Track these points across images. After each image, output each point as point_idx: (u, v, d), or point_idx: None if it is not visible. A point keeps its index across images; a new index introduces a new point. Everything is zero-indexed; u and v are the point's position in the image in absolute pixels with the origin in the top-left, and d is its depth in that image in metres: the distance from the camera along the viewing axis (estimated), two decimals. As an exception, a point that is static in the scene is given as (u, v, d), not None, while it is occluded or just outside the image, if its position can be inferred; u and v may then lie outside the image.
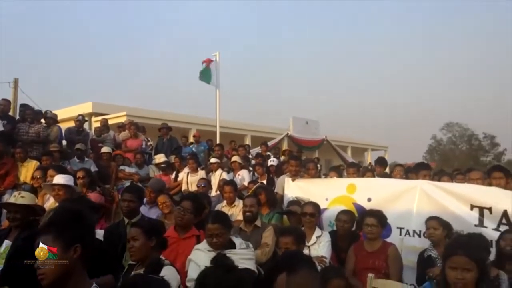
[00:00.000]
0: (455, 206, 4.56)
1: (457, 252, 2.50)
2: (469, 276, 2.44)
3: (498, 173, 4.84)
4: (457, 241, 2.80)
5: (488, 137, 45.57)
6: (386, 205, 4.79)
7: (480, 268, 2.48)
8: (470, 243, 2.67)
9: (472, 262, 2.45)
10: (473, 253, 2.51)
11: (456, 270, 2.46)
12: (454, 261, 2.48)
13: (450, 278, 2.49)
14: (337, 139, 25.35)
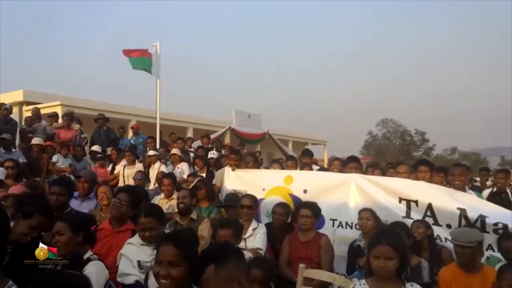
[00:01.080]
0: (384, 199, 4.80)
1: (380, 242, 2.63)
2: (391, 264, 2.58)
3: (424, 167, 5.15)
4: (380, 231, 2.95)
5: (419, 133, 48.45)
6: (321, 197, 4.95)
7: (401, 257, 2.64)
8: (392, 233, 2.83)
9: (394, 251, 2.59)
10: (395, 243, 2.65)
11: (379, 259, 2.59)
12: (378, 250, 2.61)
13: (374, 267, 2.63)
14: (278, 133, 25.71)
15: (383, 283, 2.66)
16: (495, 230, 4.17)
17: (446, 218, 4.43)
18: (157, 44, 11.03)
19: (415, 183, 4.90)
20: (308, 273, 3.45)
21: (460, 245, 3.45)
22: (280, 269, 4.22)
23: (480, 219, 4.25)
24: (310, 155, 8.33)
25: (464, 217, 4.33)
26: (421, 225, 4.25)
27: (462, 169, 4.98)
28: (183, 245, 2.17)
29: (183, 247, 2.15)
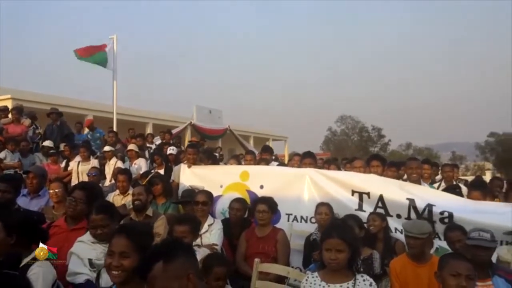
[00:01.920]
0: (338, 192, 4.92)
1: (331, 235, 2.71)
2: (341, 257, 2.66)
3: (376, 161, 5.34)
4: (332, 225, 3.03)
5: (376, 129, 49.89)
6: (277, 192, 5.00)
7: (352, 249, 2.72)
8: (343, 226, 2.91)
9: (344, 243, 2.67)
10: (345, 235, 2.74)
11: (330, 252, 2.66)
12: (329, 243, 2.69)
13: (325, 259, 2.70)
14: (240, 129, 25.72)
15: (334, 275, 2.73)
16: (441, 219, 4.38)
17: (396, 209, 4.61)
18: (113, 37, 10.74)
19: (367, 176, 5.06)
20: (263, 267, 3.48)
21: (413, 236, 3.58)
22: (237, 264, 4.24)
23: (428, 208, 4.45)
24: (270, 151, 8.40)
25: (413, 207, 4.52)
26: (377, 218, 4.38)
27: (418, 162, 5.23)
28: (135, 236, 2.16)
29: (135, 238, 2.14)
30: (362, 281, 2.71)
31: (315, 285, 2.74)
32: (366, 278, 2.75)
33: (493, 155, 41.51)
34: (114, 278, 2.15)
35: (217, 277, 3.12)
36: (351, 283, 2.69)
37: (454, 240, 3.88)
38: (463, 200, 4.70)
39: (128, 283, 2.14)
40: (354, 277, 2.72)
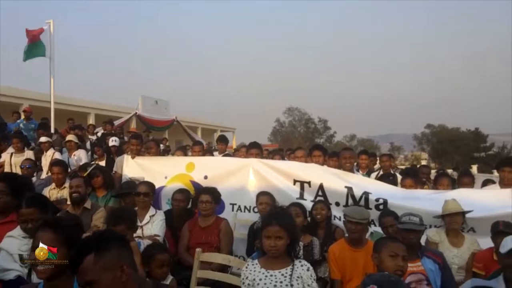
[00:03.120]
0: (280, 181, 5.03)
1: (271, 223, 2.75)
2: (280, 243, 2.72)
3: (317, 151, 5.51)
4: (271, 213, 3.08)
5: (322, 121, 51.20)
6: (221, 183, 5.02)
7: (291, 236, 2.78)
8: (282, 214, 2.97)
9: (284, 230, 2.73)
10: (284, 223, 2.79)
11: (270, 239, 2.71)
12: (268, 231, 2.73)
13: (265, 246, 2.74)
14: (187, 120, 25.43)
15: (274, 261, 2.79)
16: (377, 206, 4.61)
17: (335, 197, 4.79)
18: (50, 22, 10.16)
19: (307, 165, 5.21)
20: (204, 256, 3.49)
21: (354, 222, 3.74)
22: (180, 255, 4.22)
23: (364, 196, 4.67)
24: (225, 142, 8.35)
25: (351, 195, 4.72)
26: (325, 207, 4.51)
27: (351, 152, 5.42)
28: (60, 229, 2.07)
29: (61, 232, 2.05)
30: (300, 266, 2.79)
31: (255, 272, 2.78)
32: (304, 263, 2.83)
33: (429, 145, 44.06)
34: (40, 274, 2.06)
35: (160, 264, 3.11)
36: (290, 268, 2.76)
37: (388, 225, 4.10)
38: (396, 188, 4.97)
39: (57, 278, 2.06)
40: (292, 263, 2.79)
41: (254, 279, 2.76)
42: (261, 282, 2.73)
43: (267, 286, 2.70)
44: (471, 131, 42.31)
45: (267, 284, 2.71)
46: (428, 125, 45.73)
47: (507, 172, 4.95)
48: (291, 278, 2.72)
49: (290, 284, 2.70)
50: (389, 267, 2.69)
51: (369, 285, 1.75)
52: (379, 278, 1.80)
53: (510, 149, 42.65)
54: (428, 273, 3.48)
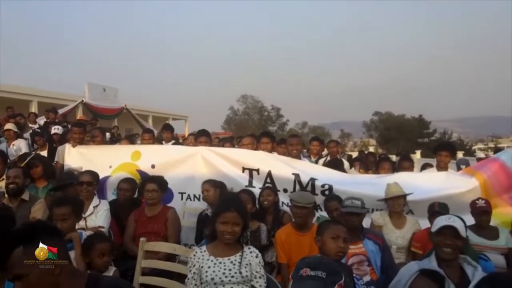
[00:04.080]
0: (229, 169, 5.04)
1: (229, 209, 2.72)
2: (237, 229, 2.71)
3: (265, 138, 5.56)
4: (229, 199, 3.05)
5: (274, 109, 51.58)
6: (169, 171, 4.95)
7: (244, 222, 2.78)
8: (238, 200, 2.95)
9: (240, 216, 2.73)
10: (241, 209, 2.79)
11: (227, 224, 2.69)
12: (226, 217, 2.70)
13: (221, 232, 2.71)
14: (137, 108, 24.80)
15: (223, 248, 2.76)
16: (322, 191, 4.74)
17: (283, 184, 4.87)
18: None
19: (256, 153, 5.24)
20: (149, 246, 3.43)
21: (300, 206, 3.83)
22: (125, 245, 4.13)
23: (311, 182, 4.78)
24: (170, 130, 8.22)
25: (298, 181, 4.81)
26: (271, 193, 4.58)
27: (297, 139, 5.51)
28: None
29: None
30: (249, 253, 2.80)
31: (203, 260, 2.76)
32: (253, 250, 2.84)
33: (376, 132, 45.71)
34: None
35: (100, 253, 3.04)
36: (239, 255, 2.76)
37: (332, 209, 4.23)
38: (341, 174, 5.13)
39: None
40: (241, 250, 2.80)
41: (202, 266, 2.73)
42: (209, 270, 2.71)
43: (215, 274, 2.69)
44: (415, 118, 44.34)
45: (215, 272, 2.69)
46: (376, 113, 47.39)
47: (443, 156, 5.24)
48: (240, 265, 2.72)
49: (239, 271, 2.70)
50: (331, 249, 2.77)
51: (302, 268, 1.78)
52: (311, 261, 1.84)
53: (451, 134, 45.22)
54: (369, 254, 3.62)
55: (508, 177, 4.48)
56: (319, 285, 1.71)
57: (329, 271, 1.77)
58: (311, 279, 1.73)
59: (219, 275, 2.68)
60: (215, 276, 2.68)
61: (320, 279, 1.73)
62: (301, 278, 1.74)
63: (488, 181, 4.49)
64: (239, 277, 2.70)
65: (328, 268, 1.79)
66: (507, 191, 4.47)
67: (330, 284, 1.73)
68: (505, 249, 3.91)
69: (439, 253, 2.81)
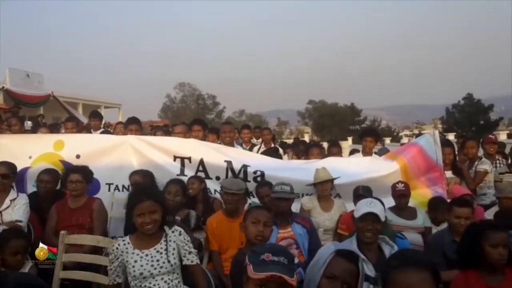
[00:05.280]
0: (160, 158, 4.91)
1: (141, 199, 2.66)
2: (156, 217, 2.65)
3: (197, 126, 5.51)
4: (137, 190, 2.99)
5: (210, 97, 51.20)
6: (95, 161, 4.72)
7: (163, 208, 2.73)
8: (150, 188, 2.89)
9: (156, 203, 2.67)
10: (155, 196, 2.75)
11: (144, 216, 2.61)
12: (141, 208, 2.63)
13: (140, 224, 2.63)
14: (66, 95, 23.45)
15: (147, 239, 2.70)
16: (255, 178, 4.78)
17: (215, 171, 4.84)
18: None
19: (187, 141, 5.15)
20: (71, 239, 3.26)
21: (231, 193, 3.83)
22: (47, 239, 3.89)
23: (243, 169, 4.80)
24: (99, 117, 7.84)
25: (230, 169, 4.81)
26: (196, 181, 4.53)
27: (230, 126, 5.52)
28: None
29: None
30: (172, 234, 2.76)
31: (128, 254, 2.66)
32: (175, 228, 2.81)
33: (311, 120, 47.07)
34: None
35: (14, 251, 2.86)
36: (164, 242, 2.71)
37: (263, 195, 4.30)
38: (273, 160, 5.20)
39: None
40: (164, 234, 2.75)
41: (127, 261, 2.64)
42: (136, 265, 2.62)
43: (143, 268, 2.61)
44: (348, 106, 46.23)
45: (143, 266, 2.62)
46: (310, 101, 48.71)
47: (368, 141, 5.50)
48: (167, 253, 2.67)
49: (167, 260, 2.65)
50: (251, 232, 2.79)
51: (262, 253, 1.76)
52: (272, 247, 1.82)
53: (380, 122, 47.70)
54: (297, 238, 3.74)
55: (425, 161, 4.79)
56: (283, 270, 1.70)
57: (289, 258, 1.77)
58: (275, 264, 1.71)
59: (148, 268, 2.62)
60: (143, 270, 2.61)
61: (283, 264, 1.73)
62: (265, 263, 1.72)
63: (408, 164, 4.77)
64: (168, 266, 2.66)
65: (288, 255, 1.79)
66: (425, 173, 4.79)
67: (291, 271, 1.74)
68: (422, 228, 4.19)
69: (361, 237, 2.94)
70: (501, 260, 2.57)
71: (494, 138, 6.33)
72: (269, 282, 1.68)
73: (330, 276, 1.87)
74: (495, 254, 2.56)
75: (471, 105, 32.60)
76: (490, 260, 2.59)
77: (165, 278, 2.68)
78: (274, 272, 1.67)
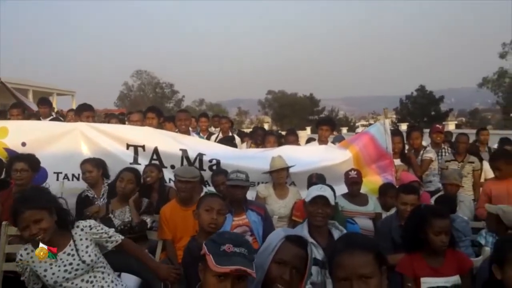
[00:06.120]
0: (112, 146, 4.77)
1: (22, 211, 2.36)
2: (44, 225, 2.38)
3: (151, 113, 5.38)
4: (19, 199, 2.56)
5: (168, 86, 50.33)
6: (43, 149, 4.52)
7: (55, 209, 2.49)
8: (31, 194, 2.51)
9: (42, 211, 2.39)
10: (38, 202, 2.43)
11: (28, 228, 2.35)
12: (23, 220, 2.37)
13: (29, 237, 2.39)
14: (15, 81, 22.26)
15: (52, 244, 2.42)
16: (210, 166, 4.76)
17: (170, 160, 4.77)
18: None
19: (141, 129, 5.03)
20: (12, 230, 3.12)
21: (185, 181, 3.78)
22: None
23: (199, 157, 4.76)
24: (48, 104, 7.50)
25: (185, 157, 4.76)
26: (154, 169, 4.45)
27: (186, 114, 5.45)
28: None
29: None
30: (81, 232, 2.56)
31: (35, 262, 2.43)
32: (80, 224, 2.60)
33: (271, 110, 47.40)
34: None
35: None
36: (72, 242, 2.52)
37: (219, 183, 4.29)
38: (229, 148, 5.20)
39: None
40: (70, 235, 2.53)
41: (37, 270, 2.44)
42: (48, 273, 2.43)
43: (56, 275, 2.43)
44: (307, 96, 46.90)
45: (56, 273, 2.43)
46: (269, 91, 48.99)
47: (324, 130, 5.62)
48: (78, 253, 2.49)
49: (81, 261, 2.48)
50: (205, 220, 2.78)
51: (223, 244, 1.72)
52: (232, 237, 1.78)
53: (338, 112, 48.73)
54: (252, 225, 3.77)
55: (376, 149, 4.94)
56: (245, 263, 1.68)
57: (249, 249, 1.75)
58: (236, 255, 1.68)
59: (61, 275, 2.45)
60: (56, 278, 2.44)
61: (244, 256, 1.70)
62: (226, 254, 1.68)
63: (360, 153, 4.91)
64: (84, 266, 2.50)
65: (248, 245, 1.77)
66: (375, 161, 4.95)
67: (251, 261, 1.72)
68: (373, 214, 4.34)
69: (311, 221, 3.01)
70: (442, 246, 2.72)
71: (441, 128, 6.65)
72: (229, 273, 1.65)
73: (280, 262, 1.89)
74: (438, 241, 2.70)
75: (424, 96, 33.93)
76: (433, 246, 2.72)
77: (86, 278, 2.53)
78: (239, 266, 1.64)
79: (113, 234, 2.68)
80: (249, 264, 1.69)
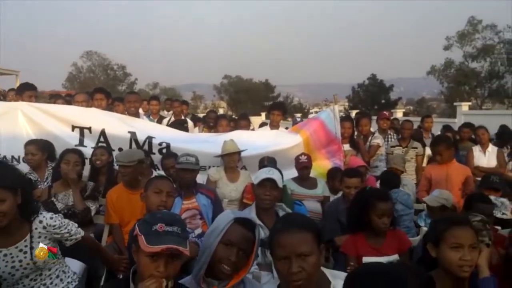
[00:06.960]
0: (57, 127, 4.58)
1: None
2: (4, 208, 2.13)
3: (99, 94, 5.21)
4: None
5: (120, 68, 48.63)
6: None
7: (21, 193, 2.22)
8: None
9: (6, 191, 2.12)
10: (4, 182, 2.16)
11: None
12: None
13: None
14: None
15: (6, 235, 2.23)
16: (160, 150, 4.69)
17: (118, 142, 4.65)
18: None
19: (88, 110, 4.87)
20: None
21: (124, 165, 3.70)
22: None
23: (148, 140, 4.67)
24: None
25: (134, 140, 4.65)
26: (105, 152, 4.33)
27: (136, 96, 5.30)
28: None
29: None
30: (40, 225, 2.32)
31: None
32: (42, 217, 2.34)
33: (227, 95, 47.10)
34: None
35: None
36: (28, 239, 2.27)
37: (169, 167, 4.24)
38: (180, 132, 5.13)
39: None
40: (29, 228, 2.29)
41: None
42: None
43: (2, 270, 2.22)
44: (262, 82, 46.98)
45: (2, 269, 2.22)
46: (225, 76, 48.60)
47: (276, 115, 5.67)
48: (31, 252, 2.25)
49: (32, 262, 2.26)
50: (153, 202, 2.77)
51: (155, 223, 1.70)
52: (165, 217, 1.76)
53: (293, 98, 49.26)
54: (201, 208, 3.76)
55: (326, 134, 5.06)
56: (178, 241, 1.66)
57: (182, 227, 1.74)
58: (169, 234, 1.66)
59: (7, 270, 2.23)
60: (2, 272, 2.22)
61: (177, 234, 1.68)
62: (157, 234, 1.66)
63: (310, 137, 5.01)
64: (34, 267, 2.30)
65: (181, 223, 1.76)
66: (325, 146, 5.07)
67: (185, 240, 1.71)
68: (322, 197, 4.47)
69: (259, 203, 3.05)
70: (384, 228, 2.85)
71: (388, 114, 6.91)
72: (161, 253, 1.65)
73: (227, 243, 1.93)
74: (380, 222, 2.83)
75: (375, 85, 34.94)
76: (375, 227, 2.85)
77: (32, 277, 2.35)
78: (170, 245, 1.64)
79: (75, 232, 2.47)
80: (182, 242, 1.69)
